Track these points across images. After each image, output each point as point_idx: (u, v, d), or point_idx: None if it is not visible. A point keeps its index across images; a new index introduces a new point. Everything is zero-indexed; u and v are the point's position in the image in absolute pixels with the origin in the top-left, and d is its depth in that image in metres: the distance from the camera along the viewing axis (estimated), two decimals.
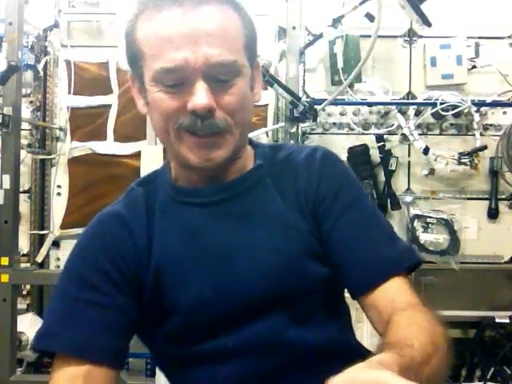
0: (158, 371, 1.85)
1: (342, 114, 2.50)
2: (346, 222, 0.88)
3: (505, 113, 2.50)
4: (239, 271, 0.84)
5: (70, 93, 2.49)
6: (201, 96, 0.78)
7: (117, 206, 0.94)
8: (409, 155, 2.49)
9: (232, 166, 0.89)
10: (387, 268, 0.85)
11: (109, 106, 2.50)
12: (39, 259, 2.52)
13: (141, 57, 0.82)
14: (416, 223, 2.41)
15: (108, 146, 2.49)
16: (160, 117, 0.83)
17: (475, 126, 2.42)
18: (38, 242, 2.56)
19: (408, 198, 2.46)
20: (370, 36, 1.98)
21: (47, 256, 2.55)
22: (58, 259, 2.55)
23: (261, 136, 2.35)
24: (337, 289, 0.93)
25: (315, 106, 2.11)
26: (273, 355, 0.83)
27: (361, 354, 0.72)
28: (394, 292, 0.83)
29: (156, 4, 0.79)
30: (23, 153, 2.41)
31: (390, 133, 2.47)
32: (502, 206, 2.50)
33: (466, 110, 2.40)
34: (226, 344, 0.83)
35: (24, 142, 2.49)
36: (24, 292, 2.53)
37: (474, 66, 2.47)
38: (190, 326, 0.85)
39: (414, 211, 2.43)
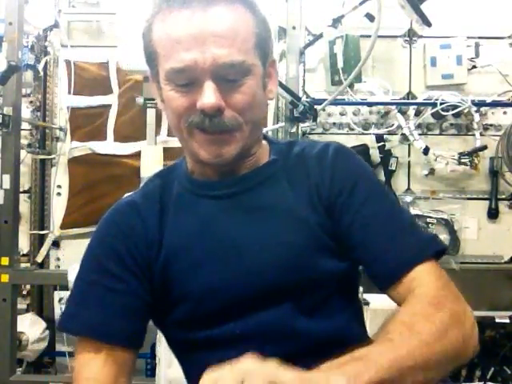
0: (158, 371, 1.85)
1: (342, 114, 2.50)
2: (366, 215, 0.88)
3: (505, 113, 2.50)
4: (248, 262, 0.86)
5: (70, 93, 2.49)
6: (209, 96, 0.81)
7: (134, 196, 0.99)
8: (409, 155, 2.49)
9: (246, 161, 0.91)
10: (411, 257, 0.85)
11: (109, 106, 2.50)
12: (39, 259, 2.52)
13: (155, 57, 0.86)
14: None
15: (108, 146, 2.49)
16: (173, 114, 0.86)
17: (475, 125, 2.42)
18: (38, 242, 2.56)
19: (408, 198, 2.46)
20: (370, 36, 1.98)
21: (47, 256, 2.55)
22: (58, 259, 2.55)
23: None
24: (350, 283, 0.93)
25: (315, 106, 2.11)
26: (278, 343, 0.84)
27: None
28: (419, 281, 0.83)
29: (168, 5, 0.83)
30: (23, 153, 2.41)
31: (390, 133, 2.47)
32: (502, 206, 2.50)
33: (466, 110, 2.40)
34: (233, 330, 0.86)
35: (24, 141, 2.49)
36: (24, 292, 2.53)
37: (474, 66, 2.47)
38: (199, 313, 0.87)
39: (414, 211, 2.43)
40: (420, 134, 2.43)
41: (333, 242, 0.89)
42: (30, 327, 2.35)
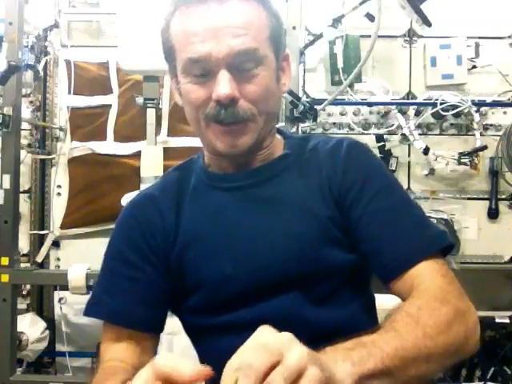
0: None
1: (342, 114, 2.50)
2: (375, 209, 0.90)
3: (505, 113, 2.50)
4: (259, 251, 0.90)
5: (70, 93, 2.49)
6: (224, 85, 0.84)
7: (152, 188, 1.03)
8: (409, 155, 2.49)
9: (260, 154, 0.95)
10: (415, 253, 0.86)
11: (109, 106, 2.49)
12: (39, 259, 2.52)
13: (173, 51, 0.91)
14: None
15: (108, 146, 2.49)
16: (190, 107, 0.90)
17: (475, 125, 2.42)
18: (38, 242, 2.56)
19: None
20: (370, 36, 1.99)
21: (47, 256, 2.55)
22: (58, 259, 2.55)
23: None
24: (359, 275, 0.94)
25: (315, 106, 2.11)
26: (287, 330, 0.85)
27: None
28: (423, 277, 0.84)
29: (185, 2, 0.87)
30: (23, 153, 2.41)
31: (390, 133, 2.47)
32: (502, 206, 2.50)
33: (466, 110, 2.40)
34: (244, 317, 0.88)
35: (24, 142, 2.49)
36: (24, 292, 2.53)
37: (474, 66, 2.47)
38: (212, 300, 0.91)
39: None
40: (420, 134, 2.43)
41: (342, 235, 0.91)
42: (30, 327, 2.35)
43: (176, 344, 2.25)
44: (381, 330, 0.72)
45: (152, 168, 2.22)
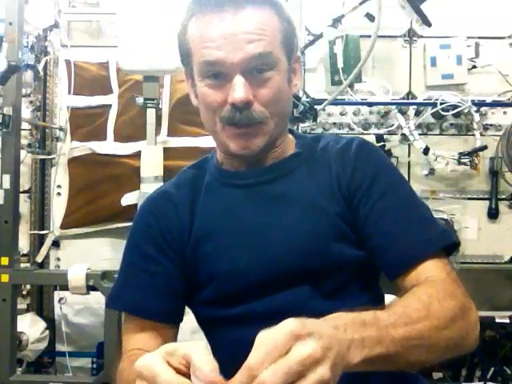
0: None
1: (342, 114, 2.50)
2: (383, 207, 0.93)
3: (505, 113, 2.50)
4: (270, 246, 0.93)
5: (70, 93, 2.49)
6: (239, 90, 0.88)
7: (167, 186, 1.08)
8: (409, 155, 2.49)
9: (271, 153, 0.99)
10: (420, 250, 0.89)
11: (109, 106, 2.49)
12: (39, 259, 2.52)
13: (190, 54, 0.94)
14: None
15: (108, 146, 2.48)
16: (206, 110, 0.95)
17: (475, 126, 2.43)
18: (38, 242, 2.56)
19: None
20: (370, 36, 1.99)
21: (47, 256, 2.55)
22: (58, 259, 2.55)
23: None
24: (369, 272, 0.97)
25: (315, 106, 2.11)
26: None
27: None
28: (427, 273, 0.86)
29: (201, 9, 0.91)
30: (23, 153, 2.41)
31: (390, 133, 2.47)
32: (502, 206, 2.50)
33: (466, 110, 2.40)
34: (255, 309, 0.92)
35: (24, 142, 2.49)
36: (24, 292, 2.53)
37: (474, 66, 2.47)
38: (225, 293, 0.94)
39: None
40: (420, 134, 2.43)
41: (350, 231, 0.94)
42: (30, 327, 2.35)
43: None
44: (392, 310, 0.74)
45: (152, 168, 2.22)
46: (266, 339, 0.54)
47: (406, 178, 2.48)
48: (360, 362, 0.62)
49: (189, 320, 1.02)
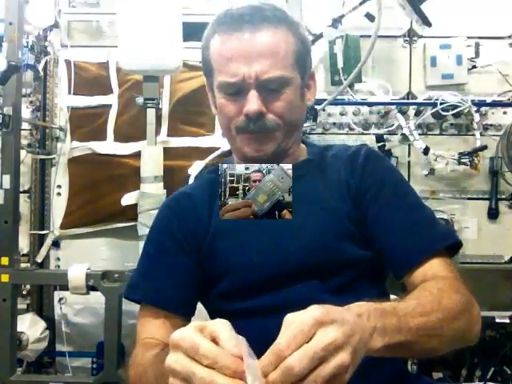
0: None
1: (341, 114, 2.50)
2: (390, 209, 1.01)
3: (505, 113, 2.50)
4: (282, 243, 1.01)
5: (70, 93, 2.48)
6: (253, 104, 0.98)
7: (187, 187, 1.20)
8: (409, 155, 2.49)
9: (285, 159, 1.06)
10: (426, 248, 0.96)
11: (109, 106, 2.49)
12: (39, 259, 2.52)
13: (211, 69, 1.05)
14: None
15: (108, 146, 2.48)
16: (224, 119, 1.05)
17: (475, 126, 2.42)
18: (37, 242, 2.56)
19: None
20: (370, 36, 1.98)
21: (47, 256, 2.54)
22: (58, 259, 2.55)
23: None
24: (375, 271, 1.03)
25: (315, 106, 2.11)
26: None
27: None
28: (433, 271, 0.93)
29: (222, 28, 1.01)
30: (23, 153, 2.40)
31: (390, 133, 2.47)
32: (502, 206, 2.49)
33: (466, 110, 2.39)
34: (266, 303, 0.98)
35: (24, 142, 2.49)
36: (24, 292, 2.53)
37: (474, 66, 2.47)
38: (238, 286, 1.01)
39: None
40: (420, 134, 2.43)
41: (358, 231, 1.01)
42: (30, 327, 2.35)
43: None
44: (408, 301, 0.79)
45: (152, 168, 2.22)
46: (293, 323, 0.59)
47: (406, 178, 2.49)
48: (381, 347, 0.68)
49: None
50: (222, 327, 0.61)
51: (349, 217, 1.02)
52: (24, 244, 2.51)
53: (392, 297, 1.10)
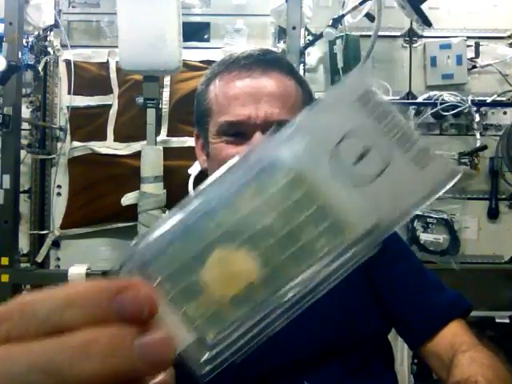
0: None
1: None
2: (396, 272, 0.94)
3: (505, 113, 2.50)
4: (302, 319, 0.85)
5: (69, 93, 2.48)
6: None
7: None
8: None
9: None
10: (444, 314, 0.91)
11: (109, 106, 2.49)
12: (39, 259, 2.52)
13: (208, 114, 0.94)
14: (416, 223, 2.41)
15: (108, 146, 2.48)
16: (218, 165, 0.92)
17: (475, 126, 2.42)
18: (37, 242, 2.56)
19: None
20: (370, 36, 1.98)
21: (47, 256, 2.54)
22: (58, 259, 2.55)
23: None
24: (388, 347, 0.97)
25: None
26: None
27: None
28: (453, 336, 0.88)
29: (228, 68, 0.92)
30: (23, 153, 2.40)
31: None
32: (502, 206, 2.49)
33: (466, 110, 2.39)
34: None
35: (24, 142, 2.49)
36: (24, 292, 2.53)
37: (474, 66, 2.47)
38: (241, 379, 0.83)
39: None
40: (420, 134, 2.43)
41: (373, 298, 0.93)
42: None
43: None
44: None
45: (152, 168, 2.22)
46: None
47: None
48: None
49: None
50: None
51: (364, 284, 0.93)
52: (24, 244, 2.51)
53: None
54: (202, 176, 2.16)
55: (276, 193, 0.41)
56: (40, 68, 2.51)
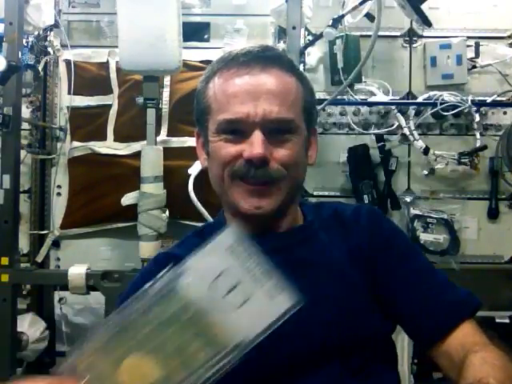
0: None
1: (341, 114, 2.50)
2: (405, 272, 0.92)
3: (505, 113, 2.50)
4: (301, 320, 0.78)
5: (69, 93, 2.48)
6: (257, 146, 0.85)
7: (172, 248, 1.04)
8: (409, 155, 2.49)
9: (283, 220, 0.95)
10: (455, 314, 0.89)
11: (109, 106, 2.49)
12: (39, 259, 2.52)
13: (208, 112, 0.92)
14: (416, 223, 2.41)
15: (108, 146, 2.48)
16: (218, 164, 0.90)
17: (475, 126, 2.42)
18: (37, 242, 2.56)
19: (408, 198, 2.46)
20: (370, 36, 1.98)
21: (47, 256, 2.54)
22: (58, 259, 2.55)
23: None
24: (390, 348, 0.96)
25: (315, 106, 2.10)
26: None
27: None
28: (464, 336, 0.87)
29: (227, 65, 0.91)
30: (23, 153, 2.40)
31: (390, 133, 2.47)
32: (502, 206, 2.49)
33: (466, 110, 2.39)
34: None
35: (24, 142, 2.48)
36: (24, 292, 2.53)
37: (474, 66, 2.47)
38: (242, 380, 0.81)
39: (413, 211, 2.43)
40: (420, 134, 2.43)
41: (375, 301, 0.92)
42: (30, 327, 2.35)
43: None
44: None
45: (152, 168, 2.22)
46: None
47: (406, 178, 2.49)
48: None
49: None
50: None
51: (368, 286, 0.92)
52: (24, 244, 2.51)
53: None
54: (202, 176, 2.16)
55: (171, 315, 0.61)
56: (40, 68, 2.51)
